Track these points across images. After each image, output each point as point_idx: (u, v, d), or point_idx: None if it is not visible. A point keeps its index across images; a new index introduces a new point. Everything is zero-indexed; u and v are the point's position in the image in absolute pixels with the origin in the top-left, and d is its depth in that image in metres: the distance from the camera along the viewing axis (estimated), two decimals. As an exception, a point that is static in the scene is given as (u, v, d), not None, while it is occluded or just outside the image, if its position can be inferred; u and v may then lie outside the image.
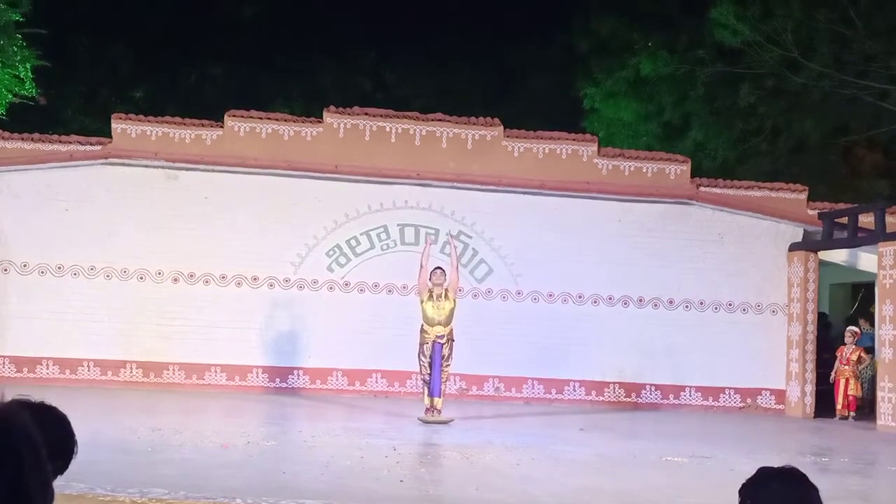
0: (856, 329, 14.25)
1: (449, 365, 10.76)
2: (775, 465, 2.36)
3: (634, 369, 14.01)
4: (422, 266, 10.76)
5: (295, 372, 13.63)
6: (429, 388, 10.64)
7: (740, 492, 2.35)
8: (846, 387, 13.68)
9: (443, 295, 10.60)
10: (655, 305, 14.22)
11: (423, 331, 10.70)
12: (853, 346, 13.89)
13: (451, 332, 10.69)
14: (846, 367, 13.72)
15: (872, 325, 14.34)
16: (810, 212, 14.44)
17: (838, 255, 14.13)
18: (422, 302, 10.69)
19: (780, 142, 19.44)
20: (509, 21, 23.39)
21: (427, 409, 10.63)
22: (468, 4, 23.58)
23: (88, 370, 13.26)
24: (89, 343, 13.21)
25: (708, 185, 14.51)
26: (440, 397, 10.64)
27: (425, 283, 10.68)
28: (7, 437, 1.49)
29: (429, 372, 10.62)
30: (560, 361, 13.82)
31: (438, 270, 10.66)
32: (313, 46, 23.22)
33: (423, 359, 10.69)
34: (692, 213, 14.38)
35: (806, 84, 17.77)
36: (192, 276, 13.55)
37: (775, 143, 19.52)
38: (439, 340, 10.59)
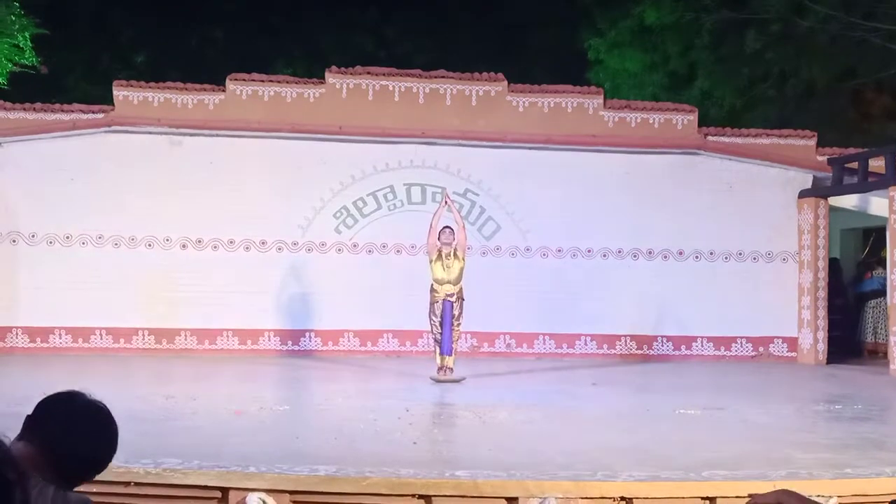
0: None
1: (460, 324, 10.75)
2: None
3: (645, 322, 13.98)
4: (431, 226, 10.69)
5: (306, 334, 13.65)
6: (440, 346, 10.64)
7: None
8: None
9: (451, 254, 10.54)
10: (665, 257, 14.15)
11: (432, 290, 10.68)
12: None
13: (460, 291, 10.65)
14: None
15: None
16: (819, 158, 14.30)
17: (849, 201, 14.01)
18: (431, 262, 10.64)
19: (788, 87, 19.19)
20: (511, -27, 23.05)
21: (439, 369, 10.63)
22: (469, -43, 23.24)
23: (101, 338, 13.30)
24: (101, 311, 13.23)
25: (715, 135, 14.36)
26: (451, 356, 10.64)
27: (434, 244, 10.62)
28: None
29: (440, 331, 10.61)
30: (571, 316, 13.81)
31: (447, 230, 10.59)
32: (313, 5, 22.95)
33: (433, 318, 10.68)
34: (700, 163, 14.25)
35: (813, 28, 17.49)
36: (200, 241, 13.53)
37: (783, 88, 19.27)
38: (449, 299, 10.56)
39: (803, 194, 14.20)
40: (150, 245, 13.45)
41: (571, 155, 14.02)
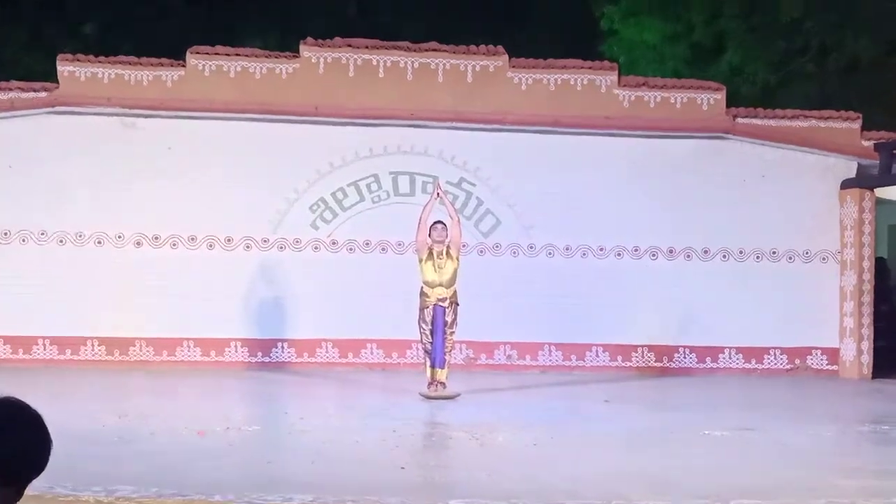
0: None
1: (453, 332, 10.79)
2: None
3: (665, 330, 14.03)
4: (421, 221, 10.73)
5: (279, 344, 13.67)
6: (431, 358, 10.69)
7: None
8: None
9: (444, 253, 10.58)
10: (688, 256, 14.20)
11: (422, 294, 10.72)
12: None
13: (454, 295, 10.69)
14: None
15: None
16: (865, 143, 14.36)
17: (898, 192, 14.10)
18: (420, 262, 10.68)
19: (829, 62, 19.27)
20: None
21: (430, 383, 10.68)
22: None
23: (44, 349, 13.31)
24: (44, 318, 13.24)
25: (746, 116, 14.42)
26: (444, 368, 10.68)
27: (424, 241, 10.66)
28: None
29: (430, 340, 10.65)
30: (580, 324, 13.84)
31: (439, 225, 10.62)
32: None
33: (423, 326, 10.72)
34: (728, 148, 14.30)
35: (858, -7, 17.58)
36: (156, 238, 13.54)
37: (823, 63, 19.34)
38: (441, 304, 10.60)
39: (846, 185, 14.26)
40: (99, 242, 13.45)
41: (581, 139, 14.05)
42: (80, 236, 13.44)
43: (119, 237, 13.50)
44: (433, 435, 8.81)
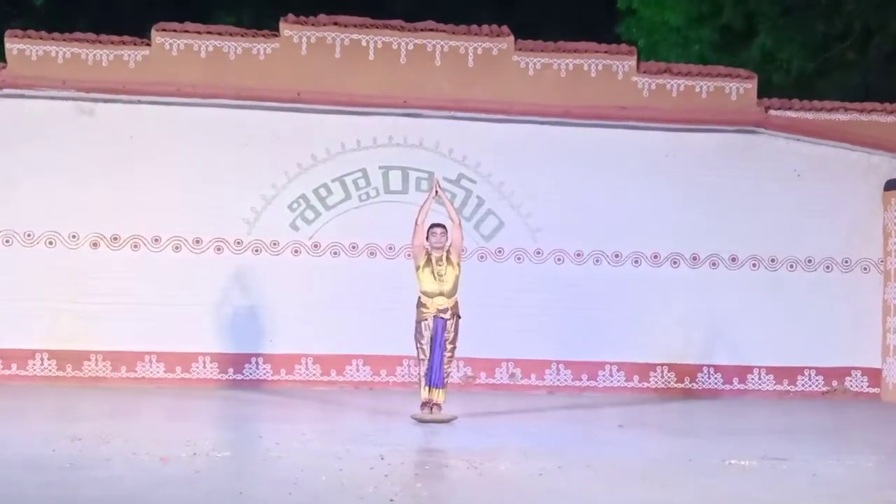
0: None
1: (454, 348, 10.75)
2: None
3: (688, 347, 14.07)
4: (417, 224, 10.70)
5: (252, 360, 13.68)
6: (427, 377, 10.67)
7: None
8: None
9: (443, 258, 10.55)
10: (714, 264, 14.23)
11: (420, 304, 10.67)
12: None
13: (455, 306, 10.65)
14: None
15: None
16: (913, 139, 14.43)
17: (950, 195, 14.15)
18: (417, 269, 10.65)
19: (873, 47, 19.31)
20: None
21: (424, 405, 10.66)
22: None
23: (-13, 363, 13.32)
24: (-13, 328, 13.26)
25: (780, 108, 14.46)
26: (442, 388, 10.66)
27: (421, 246, 10.62)
28: None
29: (427, 356, 10.63)
30: (592, 339, 13.88)
31: (438, 229, 10.56)
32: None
33: (420, 341, 10.68)
34: (760, 143, 14.35)
35: (905, -28, 17.65)
36: (116, 239, 13.54)
37: (866, 50, 19.39)
38: (442, 316, 10.56)
39: (890, 185, 14.30)
40: (51, 243, 13.45)
41: (595, 132, 14.10)
42: (29, 236, 13.42)
43: (73, 237, 13.49)
44: (426, 463, 8.80)
